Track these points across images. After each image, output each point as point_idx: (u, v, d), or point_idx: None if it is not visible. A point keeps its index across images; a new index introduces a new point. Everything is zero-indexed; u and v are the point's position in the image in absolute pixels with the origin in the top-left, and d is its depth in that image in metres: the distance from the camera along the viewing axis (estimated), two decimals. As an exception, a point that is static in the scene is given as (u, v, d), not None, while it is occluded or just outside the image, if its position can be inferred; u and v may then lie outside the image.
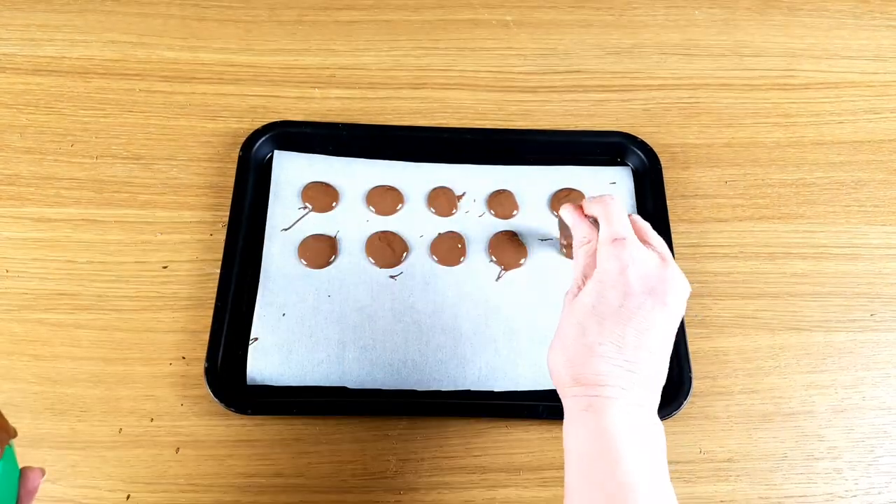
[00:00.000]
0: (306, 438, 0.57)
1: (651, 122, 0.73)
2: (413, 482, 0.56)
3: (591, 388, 0.45)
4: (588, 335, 0.46)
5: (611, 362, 0.45)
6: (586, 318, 0.47)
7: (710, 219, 0.68)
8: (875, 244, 0.67)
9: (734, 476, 0.57)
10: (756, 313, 0.63)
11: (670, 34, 0.79)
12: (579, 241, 0.52)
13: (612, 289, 0.47)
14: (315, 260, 0.63)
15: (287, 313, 0.60)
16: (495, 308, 0.61)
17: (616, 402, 0.45)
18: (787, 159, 0.72)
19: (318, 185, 0.66)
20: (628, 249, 0.48)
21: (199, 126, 0.70)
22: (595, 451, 0.44)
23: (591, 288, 0.48)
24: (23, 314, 0.60)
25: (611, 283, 0.47)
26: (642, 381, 0.46)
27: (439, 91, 0.74)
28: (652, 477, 0.44)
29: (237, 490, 0.55)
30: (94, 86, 0.72)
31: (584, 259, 0.50)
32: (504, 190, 0.67)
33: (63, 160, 0.67)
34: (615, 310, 0.46)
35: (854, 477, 0.57)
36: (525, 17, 0.79)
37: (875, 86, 0.77)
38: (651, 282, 0.47)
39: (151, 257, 0.63)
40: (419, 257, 0.64)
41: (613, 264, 0.47)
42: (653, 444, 0.45)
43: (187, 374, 0.58)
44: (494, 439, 0.57)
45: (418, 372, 0.58)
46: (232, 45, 0.75)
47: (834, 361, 0.62)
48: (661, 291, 0.47)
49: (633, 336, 0.46)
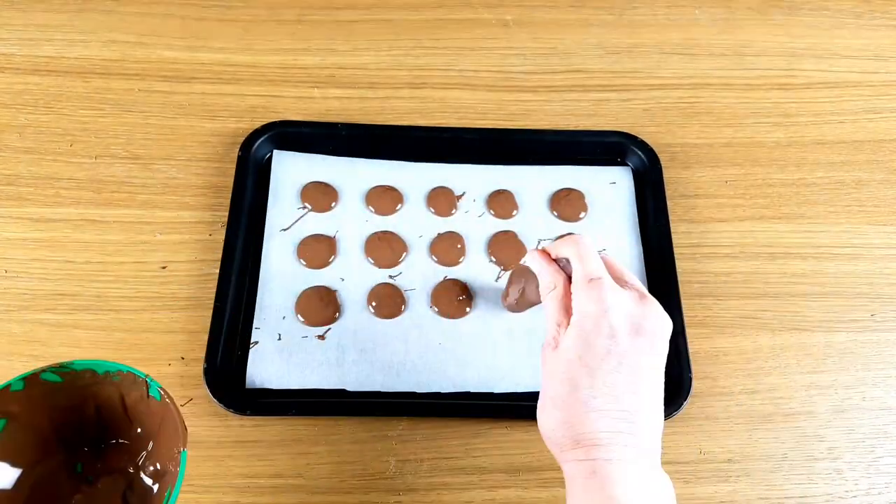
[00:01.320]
0: (306, 439, 0.57)
1: (651, 122, 0.73)
2: (413, 483, 0.55)
3: (593, 450, 0.42)
4: (580, 389, 0.43)
5: (609, 416, 0.43)
6: (574, 370, 0.44)
7: (710, 219, 0.68)
8: (875, 244, 0.67)
9: (734, 476, 0.57)
10: (756, 313, 0.63)
11: (671, 34, 0.79)
12: (545, 287, 0.48)
13: (596, 334, 0.44)
14: (314, 260, 0.63)
15: (287, 316, 0.60)
16: (495, 309, 0.61)
17: (621, 464, 0.42)
18: (788, 159, 0.72)
19: (317, 184, 0.66)
20: (606, 289, 0.45)
21: (199, 126, 0.70)
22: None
23: (573, 337, 0.44)
24: (22, 314, 0.60)
25: (593, 329, 0.44)
26: (642, 431, 0.43)
27: (439, 91, 0.74)
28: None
29: (236, 490, 0.54)
30: (94, 86, 0.72)
31: (555, 306, 0.47)
32: (504, 190, 0.67)
33: (62, 160, 0.67)
34: (603, 356, 0.43)
35: (854, 477, 0.57)
36: (525, 17, 0.79)
37: (875, 86, 0.77)
38: (635, 320, 0.45)
39: (150, 257, 0.63)
40: (419, 257, 0.64)
41: (593, 307, 0.44)
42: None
43: (186, 375, 0.58)
44: (494, 440, 0.57)
45: (417, 374, 0.58)
46: (231, 45, 0.75)
47: (834, 361, 0.62)
48: (648, 330, 0.44)
49: (626, 383, 0.43)
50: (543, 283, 0.49)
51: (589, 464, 0.42)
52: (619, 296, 0.45)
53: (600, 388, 0.43)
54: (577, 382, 0.44)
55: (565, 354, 0.45)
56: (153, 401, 0.47)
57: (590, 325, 0.44)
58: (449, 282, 0.62)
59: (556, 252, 0.49)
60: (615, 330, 0.44)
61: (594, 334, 0.44)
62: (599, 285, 0.45)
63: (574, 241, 0.48)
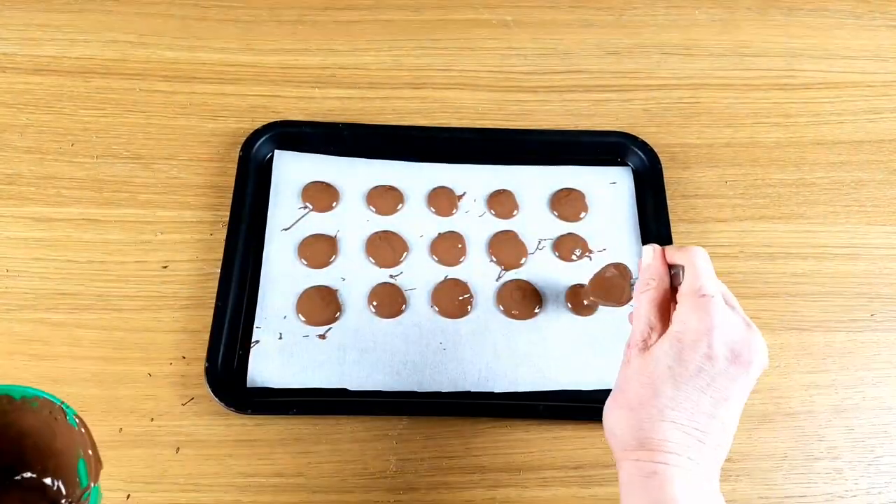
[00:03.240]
0: (306, 438, 0.57)
1: (651, 122, 0.73)
2: (413, 482, 0.56)
3: (658, 455, 0.42)
4: (661, 398, 0.43)
5: (682, 430, 0.42)
6: (661, 379, 0.43)
7: (710, 219, 0.68)
8: (875, 244, 0.67)
9: (734, 476, 0.57)
10: (756, 313, 0.63)
11: (670, 34, 0.79)
12: (643, 283, 0.48)
13: (692, 350, 0.43)
14: (315, 260, 0.63)
15: (288, 315, 0.60)
16: (495, 309, 0.61)
17: (684, 472, 0.41)
18: (787, 159, 0.72)
19: (318, 184, 0.66)
20: (717, 308, 0.44)
21: (200, 126, 0.70)
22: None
23: (667, 346, 0.44)
24: (23, 314, 0.60)
25: (692, 344, 0.43)
26: (710, 452, 0.43)
27: (439, 91, 0.74)
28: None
29: (237, 490, 0.55)
30: (95, 85, 0.72)
31: (649, 307, 0.46)
32: (504, 190, 0.67)
33: (63, 160, 0.67)
34: (694, 374, 0.43)
35: (854, 477, 0.57)
36: (525, 17, 0.79)
37: (875, 86, 0.77)
38: (736, 347, 0.43)
39: (152, 257, 0.63)
40: (419, 257, 0.64)
41: (697, 323, 0.43)
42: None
43: (187, 374, 0.58)
44: (494, 439, 0.57)
45: (418, 373, 0.58)
46: (232, 45, 0.75)
47: (834, 361, 0.62)
48: (746, 361, 0.43)
49: (709, 404, 0.43)
50: (644, 278, 0.48)
51: (651, 465, 0.42)
52: (727, 318, 0.44)
53: (681, 403, 0.43)
54: (659, 391, 0.43)
55: (655, 361, 0.44)
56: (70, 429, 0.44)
57: (689, 340, 0.43)
58: (450, 281, 0.62)
59: (672, 258, 0.48)
60: (715, 351, 0.43)
61: (691, 350, 0.43)
62: (710, 302, 0.44)
63: (695, 253, 0.47)
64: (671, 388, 0.43)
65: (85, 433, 0.43)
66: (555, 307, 0.62)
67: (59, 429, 0.44)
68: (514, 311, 0.61)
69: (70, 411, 0.43)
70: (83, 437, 0.43)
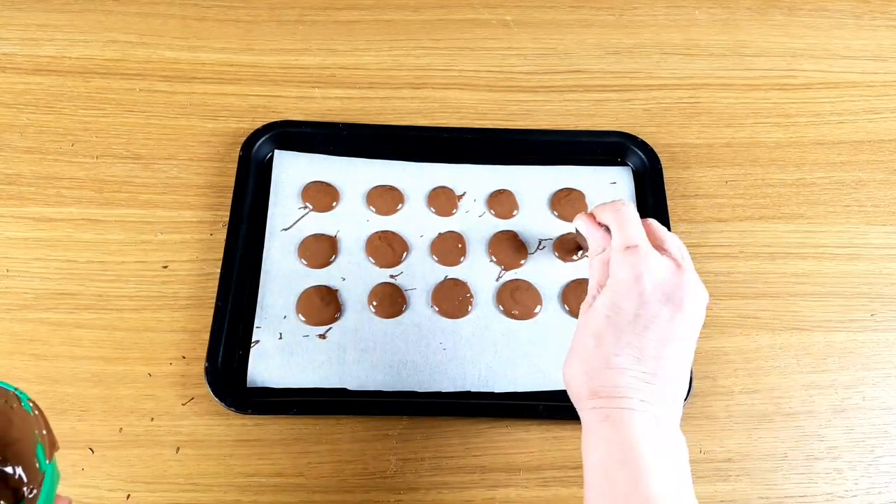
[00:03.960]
0: (306, 438, 0.57)
1: (651, 122, 0.73)
2: (413, 482, 0.56)
3: (611, 401, 0.44)
4: (604, 346, 0.45)
5: (629, 374, 0.44)
6: (602, 328, 0.46)
7: (710, 219, 0.68)
8: (875, 244, 0.67)
9: (734, 476, 0.57)
10: (756, 313, 0.63)
11: (671, 34, 0.79)
12: (594, 250, 0.50)
13: (626, 298, 0.46)
14: (315, 260, 0.63)
15: (288, 315, 0.60)
16: (495, 309, 0.61)
17: (636, 413, 0.43)
18: (787, 159, 0.72)
19: (318, 184, 0.66)
20: (641, 257, 0.47)
21: (200, 126, 0.70)
22: (617, 463, 0.43)
23: (604, 298, 0.46)
24: (23, 314, 0.60)
25: (624, 293, 0.46)
26: (662, 393, 0.44)
27: (439, 91, 0.74)
28: (678, 489, 0.43)
29: (237, 490, 0.55)
30: (95, 85, 0.72)
31: (599, 269, 0.49)
32: (504, 190, 0.67)
33: (63, 160, 0.67)
34: (631, 320, 0.45)
35: (854, 477, 0.57)
36: (525, 17, 0.79)
37: (875, 86, 0.77)
38: (667, 289, 0.46)
39: (152, 257, 0.63)
40: (419, 257, 0.64)
41: (626, 273, 0.46)
42: (676, 456, 0.44)
43: (187, 374, 0.58)
44: (494, 439, 0.57)
45: (418, 373, 0.58)
46: (232, 45, 0.75)
47: (834, 361, 0.62)
48: (678, 299, 0.46)
49: (653, 346, 0.45)
50: (592, 246, 0.51)
51: (604, 410, 0.44)
52: (654, 264, 0.47)
53: (623, 348, 0.45)
54: (602, 339, 0.45)
55: (596, 312, 0.46)
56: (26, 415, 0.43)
57: (622, 290, 0.46)
58: (450, 281, 0.62)
59: (600, 217, 0.51)
60: (646, 296, 0.46)
61: (625, 298, 0.46)
62: (635, 252, 0.47)
63: (615, 208, 0.50)
64: (612, 335, 0.45)
65: (39, 415, 0.43)
66: (555, 307, 0.62)
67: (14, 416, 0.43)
68: (514, 311, 0.61)
69: (24, 396, 0.43)
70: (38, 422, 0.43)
